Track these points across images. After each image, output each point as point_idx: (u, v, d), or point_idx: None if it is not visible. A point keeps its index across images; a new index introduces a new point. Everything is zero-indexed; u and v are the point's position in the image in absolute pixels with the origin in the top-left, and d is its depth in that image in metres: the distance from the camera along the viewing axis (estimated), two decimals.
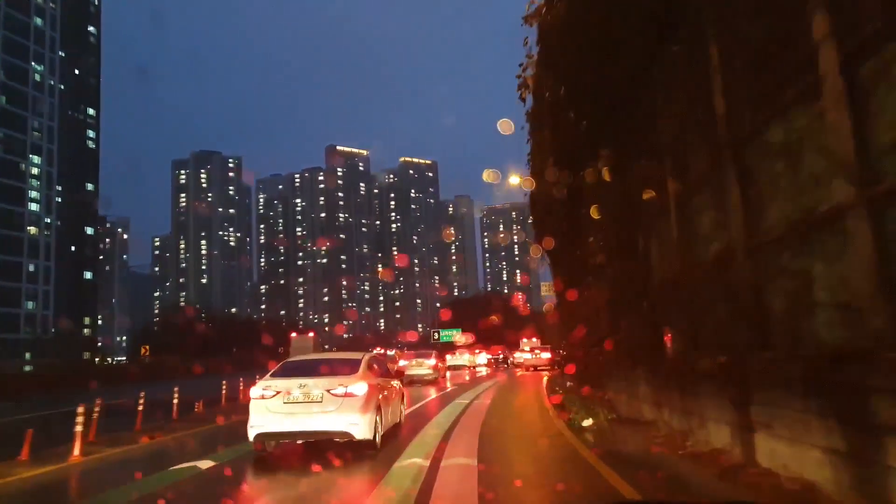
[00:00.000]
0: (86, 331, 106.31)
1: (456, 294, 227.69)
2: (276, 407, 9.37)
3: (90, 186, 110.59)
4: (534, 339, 52.38)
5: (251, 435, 9.42)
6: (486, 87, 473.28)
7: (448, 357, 42.39)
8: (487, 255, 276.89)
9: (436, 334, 60.80)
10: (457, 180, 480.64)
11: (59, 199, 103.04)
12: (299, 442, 10.16)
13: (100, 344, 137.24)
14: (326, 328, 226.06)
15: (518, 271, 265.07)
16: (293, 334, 51.26)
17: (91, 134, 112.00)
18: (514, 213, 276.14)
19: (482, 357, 51.69)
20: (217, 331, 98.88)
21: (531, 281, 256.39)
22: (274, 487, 7.96)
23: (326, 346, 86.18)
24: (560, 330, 35.10)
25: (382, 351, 52.69)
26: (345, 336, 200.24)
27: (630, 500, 6.25)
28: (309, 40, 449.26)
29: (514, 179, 24.09)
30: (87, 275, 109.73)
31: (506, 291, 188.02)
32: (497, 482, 7.32)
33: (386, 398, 10.89)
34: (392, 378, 12.60)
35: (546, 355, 41.86)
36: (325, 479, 8.08)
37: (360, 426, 9.39)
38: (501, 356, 54.09)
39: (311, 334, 54.93)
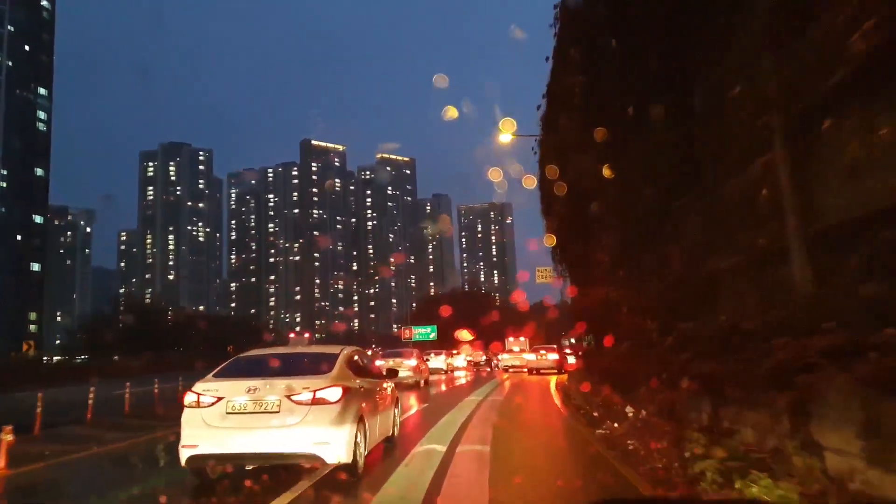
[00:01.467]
0: (32, 326, 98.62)
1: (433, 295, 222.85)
2: (215, 419, 7.15)
3: (40, 172, 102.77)
4: (521, 339, 46.54)
5: (183, 458, 7.17)
6: (467, 85, 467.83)
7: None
8: (465, 255, 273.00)
9: (407, 332, 54.06)
10: (435, 179, 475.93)
11: (4, 185, 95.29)
12: (250, 468, 7.65)
13: (58, 341, 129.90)
14: (298, 327, 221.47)
15: (496, 271, 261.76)
16: (291, 335, 45.32)
17: (42, 115, 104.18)
18: (492, 213, 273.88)
19: (460, 359, 45.54)
20: (174, 328, 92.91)
21: (508, 281, 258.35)
22: None
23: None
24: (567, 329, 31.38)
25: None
26: (316, 336, 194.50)
27: (630, 500, 5.84)
28: (288, 32, 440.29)
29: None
30: (35, 266, 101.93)
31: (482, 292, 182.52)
32: None
33: (372, 405, 8.64)
34: (382, 379, 10.05)
35: (553, 356, 36.80)
36: None
37: (334, 445, 7.12)
38: (484, 358, 47.63)
39: (306, 335, 49.18)
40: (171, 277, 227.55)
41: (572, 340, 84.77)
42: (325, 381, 7.35)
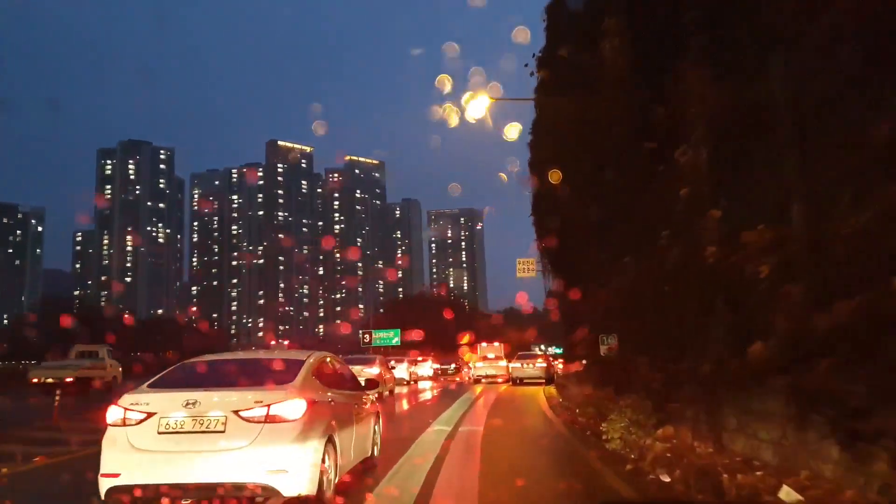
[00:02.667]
0: None
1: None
2: (144, 440, 5.86)
3: None
4: (496, 344, 41.87)
5: (102, 490, 5.80)
6: (437, 89, 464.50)
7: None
8: (434, 259, 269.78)
9: (367, 336, 48.62)
10: (404, 183, 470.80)
11: None
12: (186, 502, 5.86)
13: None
14: (260, 333, 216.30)
15: (465, 277, 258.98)
16: (272, 342, 40.37)
17: None
18: (462, 219, 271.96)
19: (426, 367, 40.40)
20: (123, 331, 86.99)
21: (478, 284, 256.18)
22: None
23: None
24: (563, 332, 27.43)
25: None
26: (275, 343, 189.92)
27: (628, 500, 5.92)
28: (255, 31, 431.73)
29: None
30: None
31: (451, 295, 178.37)
32: None
33: (346, 422, 7.24)
34: (360, 390, 8.63)
35: (541, 364, 34.02)
36: None
37: (293, 473, 5.81)
38: (453, 366, 42.28)
39: (286, 342, 44.21)
40: (128, 280, 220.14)
41: (542, 347, 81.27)
42: (284, 394, 6.11)
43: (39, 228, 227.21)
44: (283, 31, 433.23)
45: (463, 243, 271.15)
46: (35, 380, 26.64)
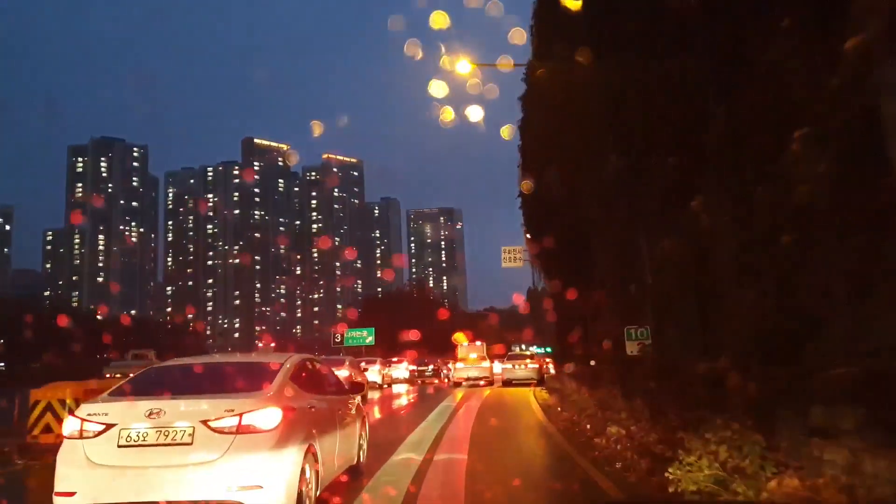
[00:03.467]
0: None
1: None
2: (103, 454, 5.39)
3: None
4: (478, 343, 39.60)
5: None
6: (419, 88, 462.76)
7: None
8: (413, 259, 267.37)
9: (338, 336, 45.86)
10: (384, 182, 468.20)
11: None
12: None
13: None
14: (236, 334, 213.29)
15: (445, 277, 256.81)
16: (259, 344, 38.33)
17: None
18: (442, 219, 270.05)
19: (401, 369, 37.87)
20: (88, 332, 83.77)
21: (460, 285, 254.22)
22: None
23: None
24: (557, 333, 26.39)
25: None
26: (274, 345, 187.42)
27: (626, 500, 5.90)
28: (232, 26, 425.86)
29: None
30: None
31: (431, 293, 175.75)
32: None
33: (329, 429, 6.82)
34: (345, 395, 8.26)
35: (533, 365, 33.55)
36: None
37: (269, 489, 5.40)
38: (431, 368, 39.64)
39: (272, 344, 41.98)
40: (100, 280, 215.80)
41: (522, 346, 79.31)
42: (258, 402, 5.68)
43: (7, 227, 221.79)
44: (260, 27, 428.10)
45: (443, 243, 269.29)
46: (108, 375, 30.02)
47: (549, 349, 63.00)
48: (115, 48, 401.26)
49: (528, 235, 24.78)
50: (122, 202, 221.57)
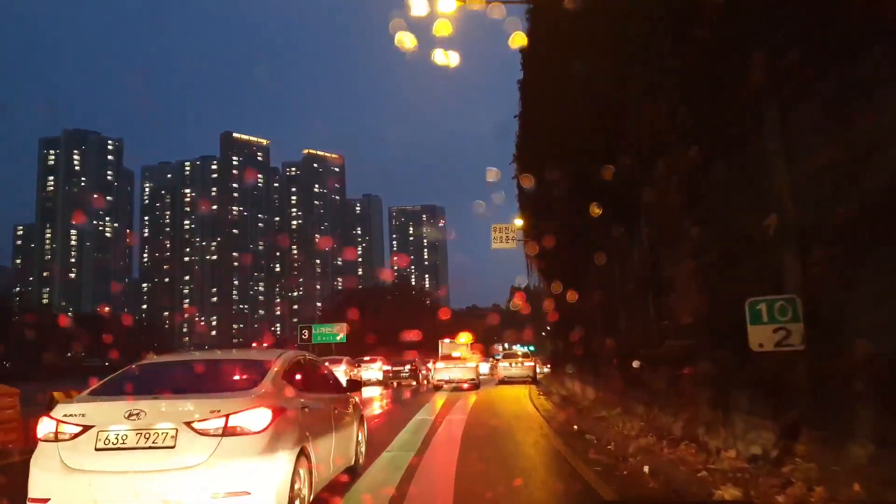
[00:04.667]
0: None
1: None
2: (80, 458, 5.12)
3: None
4: (462, 340, 36.06)
5: None
6: (397, 82, 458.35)
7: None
8: (395, 258, 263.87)
9: (305, 332, 41.95)
10: (366, 179, 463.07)
11: None
12: None
13: None
14: (214, 332, 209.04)
15: (427, 275, 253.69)
16: (254, 344, 34.52)
17: None
18: (425, 216, 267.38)
19: (373, 370, 34.00)
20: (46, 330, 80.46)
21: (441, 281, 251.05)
22: None
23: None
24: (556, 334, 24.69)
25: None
26: (268, 345, 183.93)
27: (626, 500, 5.76)
28: (211, 20, 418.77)
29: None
30: None
31: (412, 289, 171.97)
32: None
33: (324, 430, 6.59)
34: (341, 393, 8.03)
35: (529, 364, 33.99)
36: None
37: (258, 494, 5.11)
38: (408, 368, 35.62)
39: (266, 344, 39.07)
40: (72, 276, 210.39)
41: (506, 345, 76.48)
42: (246, 401, 5.36)
43: None
44: (241, 22, 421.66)
45: (425, 240, 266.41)
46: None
47: (532, 348, 60.47)
48: (90, 40, 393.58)
49: (523, 224, 23.08)
50: (95, 196, 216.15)
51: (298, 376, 6.60)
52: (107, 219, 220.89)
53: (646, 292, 10.31)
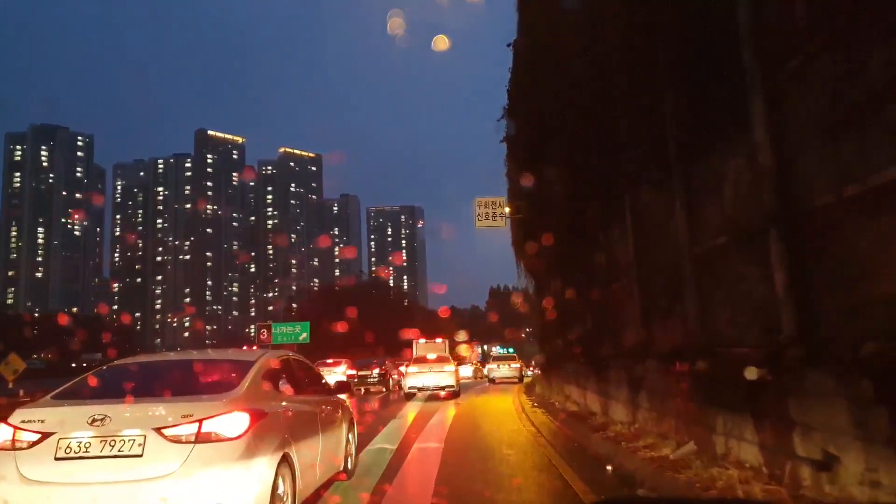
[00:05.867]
0: None
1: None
2: (38, 468, 4.68)
3: None
4: (438, 341, 33.24)
5: None
6: (377, 81, 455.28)
7: None
8: (374, 259, 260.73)
9: (263, 332, 38.92)
10: (343, 180, 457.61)
11: None
12: None
13: None
14: (186, 333, 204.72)
15: (406, 277, 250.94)
16: (244, 347, 31.31)
17: None
18: (403, 217, 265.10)
19: (337, 375, 30.61)
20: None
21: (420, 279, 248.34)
22: None
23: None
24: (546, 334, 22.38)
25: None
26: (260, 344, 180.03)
27: (626, 500, 5.60)
28: (182, 17, 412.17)
29: None
30: None
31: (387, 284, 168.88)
32: None
33: (309, 434, 6.12)
34: (329, 395, 7.60)
35: (515, 365, 37.39)
36: None
37: None
38: (377, 373, 32.19)
39: (256, 347, 36.54)
40: (38, 275, 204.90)
41: (485, 346, 74.39)
42: (221, 405, 4.90)
43: None
44: (217, 18, 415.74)
45: (403, 241, 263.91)
46: None
47: (511, 349, 58.76)
48: (60, 35, 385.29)
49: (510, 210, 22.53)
50: (63, 193, 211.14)
51: (281, 378, 6.19)
52: (76, 217, 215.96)
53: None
